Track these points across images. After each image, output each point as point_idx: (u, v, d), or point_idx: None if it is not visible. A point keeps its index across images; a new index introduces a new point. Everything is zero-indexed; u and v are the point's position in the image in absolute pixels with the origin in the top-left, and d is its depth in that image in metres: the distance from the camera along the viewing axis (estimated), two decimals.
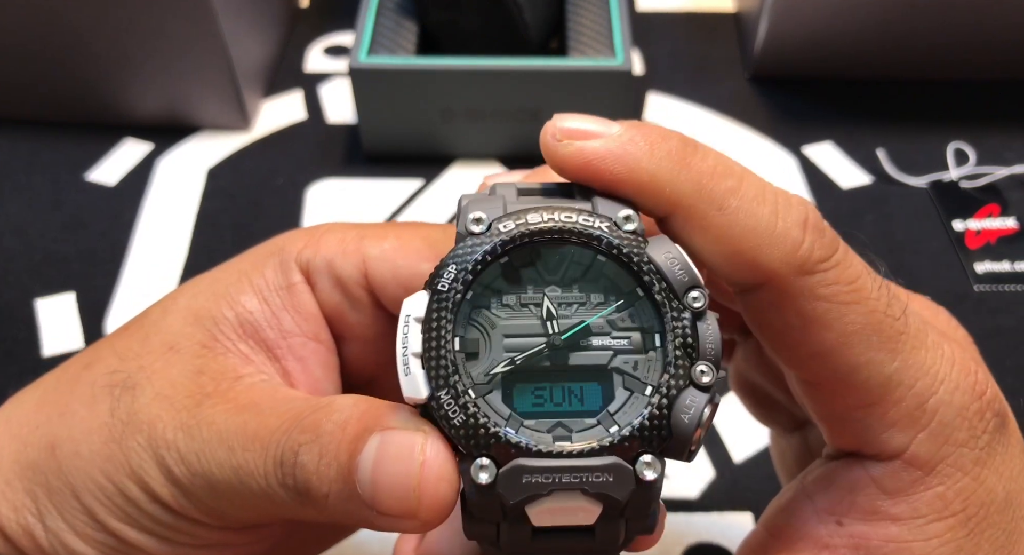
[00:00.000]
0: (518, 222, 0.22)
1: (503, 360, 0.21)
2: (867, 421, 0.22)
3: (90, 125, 0.60)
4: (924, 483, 0.22)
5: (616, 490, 0.20)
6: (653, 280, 0.21)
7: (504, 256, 0.22)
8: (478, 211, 0.22)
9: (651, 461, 0.20)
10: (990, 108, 0.63)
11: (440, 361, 0.21)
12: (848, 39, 0.62)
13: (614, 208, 0.22)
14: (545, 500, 0.20)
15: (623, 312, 0.22)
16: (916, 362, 0.22)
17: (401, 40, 0.58)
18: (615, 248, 0.22)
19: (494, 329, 0.22)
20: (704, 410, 0.20)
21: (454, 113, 0.56)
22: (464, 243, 0.22)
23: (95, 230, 0.55)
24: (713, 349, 0.21)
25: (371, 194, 0.57)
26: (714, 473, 0.44)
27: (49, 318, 0.50)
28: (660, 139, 0.22)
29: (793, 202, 0.22)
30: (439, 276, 0.21)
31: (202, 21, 0.54)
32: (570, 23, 0.59)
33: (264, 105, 0.63)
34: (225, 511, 0.24)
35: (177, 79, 0.58)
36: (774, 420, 0.33)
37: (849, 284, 0.22)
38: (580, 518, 0.20)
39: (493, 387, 0.21)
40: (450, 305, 0.21)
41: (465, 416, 0.20)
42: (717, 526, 0.42)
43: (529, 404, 0.21)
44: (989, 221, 0.55)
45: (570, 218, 0.22)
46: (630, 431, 0.20)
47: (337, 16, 0.71)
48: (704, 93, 0.65)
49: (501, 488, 0.20)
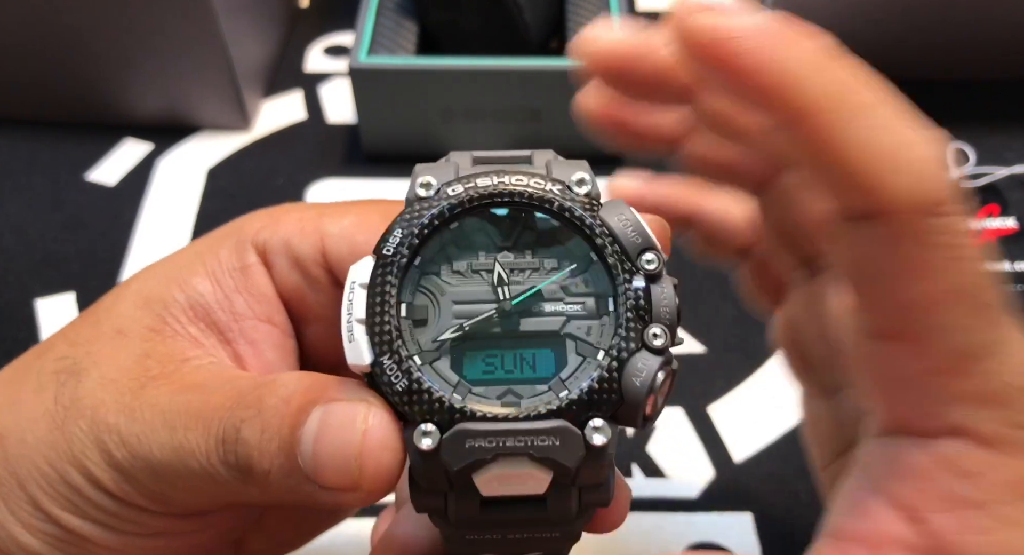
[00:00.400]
0: (467, 185, 0.21)
1: (452, 326, 0.21)
2: (937, 390, 0.21)
3: (90, 125, 0.60)
4: (1000, 463, 0.20)
5: (564, 455, 0.19)
6: (605, 243, 0.21)
7: (453, 221, 0.21)
8: (427, 176, 0.22)
9: (601, 425, 0.19)
10: (990, 108, 0.63)
11: (384, 327, 0.20)
12: (847, 39, 0.62)
13: (568, 172, 0.22)
14: (491, 466, 0.19)
15: (577, 277, 0.21)
16: (998, 340, 0.21)
17: (401, 40, 0.58)
18: (567, 211, 0.21)
19: (443, 296, 0.21)
20: (658, 374, 0.20)
21: (454, 113, 0.56)
22: (411, 207, 0.21)
23: (95, 230, 0.55)
24: (668, 312, 0.20)
25: (371, 194, 0.57)
26: (714, 473, 0.44)
27: (49, 318, 0.50)
28: (812, 33, 0.20)
29: (932, 134, 0.20)
30: (385, 241, 0.21)
31: (202, 21, 0.54)
32: (570, 23, 0.59)
33: (264, 105, 0.63)
34: (168, 495, 0.23)
35: (177, 79, 0.58)
36: (812, 381, 0.30)
37: (960, 237, 0.20)
38: (530, 487, 0.20)
39: (442, 354, 0.21)
40: (395, 270, 0.20)
41: (408, 381, 0.20)
42: (717, 526, 0.42)
43: (479, 371, 0.21)
44: (989, 221, 0.55)
45: (521, 180, 0.21)
46: (578, 394, 0.20)
47: (337, 16, 0.71)
48: None
49: (445, 454, 0.19)
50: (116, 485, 0.23)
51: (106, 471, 0.23)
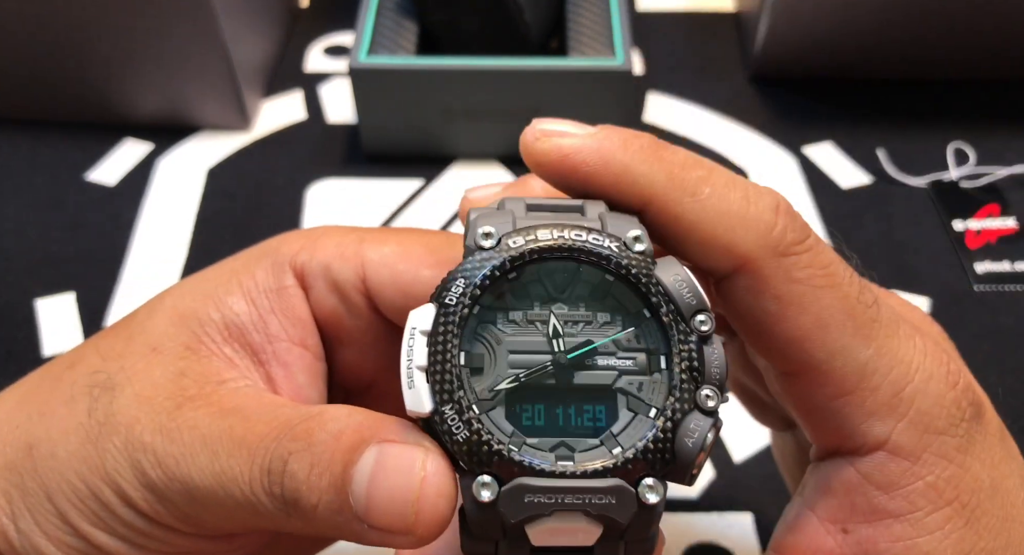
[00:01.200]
0: (528, 238, 0.22)
1: (508, 376, 0.21)
2: (846, 411, 0.22)
3: (90, 125, 0.60)
4: (913, 473, 0.22)
5: (618, 512, 0.20)
6: (661, 302, 0.21)
7: (512, 272, 0.22)
8: (488, 225, 0.22)
9: (654, 484, 0.20)
10: (990, 108, 0.63)
11: (445, 375, 0.20)
12: (848, 39, 0.62)
13: (624, 227, 0.22)
14: (546, 520, 0.20)
15: (629, 332, 0.22)
16: (890, 350, 0.22)
17: (401, 40, 0.58)
18: (624, 269, 0.21)
19: (499, 345, 0.21)
20: (708, 435, 0.20)
21: (454, 113, 0.56)
22: (473, 257, 0.21)
23: (95, 230, 0.55)
24: (718, 373, 0.21)
25: (371, 194, 0.57)
26: (714, 473, 0.44)
27: (49, 318, 0.50)
28: (632, 136, 0.23)
29: (763, 190, 0.23)
30: (447, 289, 0.21)
31: (202, 21, 0.54)
32: (570, 23, 0.59)
33: (264, 105, 0.63)
34: (202, 518, 0.23)
35: (177, 79, 0.58)
36: (768, 419, 0.33)
37: (823, 268, 0.22)
38: (580, 539, 0.20)
39: (497, 403, 0.21)
40: (457, 319, 0.21)
41: (469, 432, 0.20)
42: (717, 526, 0.42)
43: (533, 422, 0.21)
44: (989, 221, 0.55)
45: (579, 236, 0.22)
46: (634, 454, 0.20)
47: (337, 16, 0.71)
48: (704, 93, 0.65)
49: (502, 506, 0.20)
50: (148, 505, 0.23)
51: (138, 490, 0.23)
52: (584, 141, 0.23)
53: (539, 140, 0.23)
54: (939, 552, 0.22)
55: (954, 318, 0.50)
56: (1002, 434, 0.24)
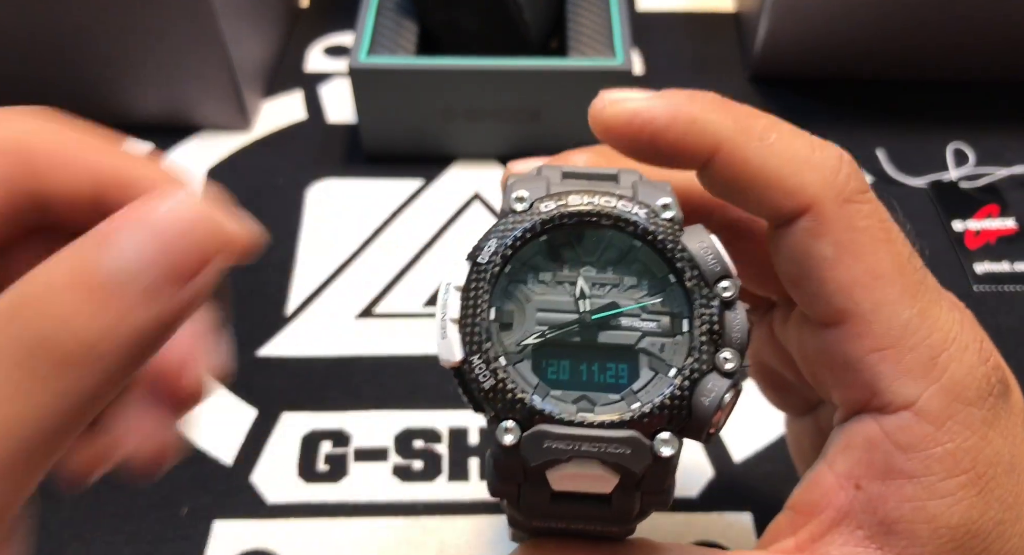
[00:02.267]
0: (559, 203, 0.23)
1: (535, 332, 0.22)
2: (881, 366, 0.23)
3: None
4: (935, 439, 0.22)
5: (633, 462, 0.21)
6: (685, 267, 0.22)
7: (543, 234, 0.23)
8: (522, 190, 0.23)
9: (668, 438, 0.21)
10: (990, 109, 0.63)
11: (475, 327, 0.22)
12: (848, 39, 0.62)
13: (654, 195, 0.23)
14: (565, 466, 0.21)
15: (654, 296, 0.23)
16: (932, 315, 0.23)
17: (401, 40, 0.58)
18: (651, 234, 0.22)
19: (529, 303, 0.23)
20: (725, 395, 0.21)
21: (454, 113, 0.56)
22: (506, 219, 0.23)
23: None
24: (739, 338, 0.22)
25: (371, 194, 0.57)
26: (713, 472, 0.44)
27: None
28: (698, 92, 0.24)
29: (826, 142, 0.24)
30: (480, 249, 0.22)
31: (202, 21, 0.54)
32: (570, 23, 0.59)
33: (264, 105, 0.63)
34: None
35: (177, 79, 0.58)
36: (787, 402, 0.33)
37: (881, 222, 0.23)
38: (597, 486, 0.21)
39: (524, 357, 0.22)
40: (488, 277, 0.22)
41: (495, 380, 0.21)
42: (717, 526, 0.42)
43: (557, 376, 0.22)
44: (989, 221, 0.55)
45: (609, 202, 0.22)
46: (651, 408, 0.21)
47: (337, 16, 0.71)
48: None
49: (524, 451, 0.21)
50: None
51: None
52: (651, 99, 0.24)
53: (607, 106, 0.24)
54: (946, 516, 0.22)
55: None
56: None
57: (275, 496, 0.43)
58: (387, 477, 0.43)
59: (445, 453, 0.44)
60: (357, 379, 0.47)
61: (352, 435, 0.45)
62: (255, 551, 0.41)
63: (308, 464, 0.44)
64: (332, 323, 0.50)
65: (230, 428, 0.45)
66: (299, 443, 0.45)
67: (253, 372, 0.48)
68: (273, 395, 0.47)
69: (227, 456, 0.44)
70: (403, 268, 0.53)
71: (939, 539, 0.22)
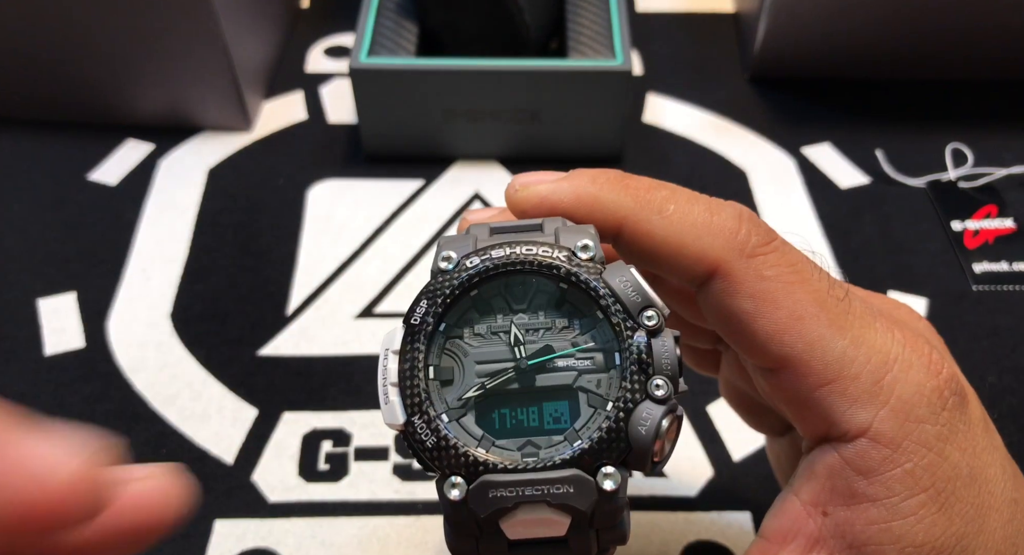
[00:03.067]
0: (483, 257, 0.23)
1: (474, 385, 0.23)
2: (828, 400, 0.23)
3: (91, 126, 0.61)
4: (892, 460, 0.23)
5: (578, 501, 0.21)
6: (609, 303, 0.23)
7: (472, 289, 0.23)
8: (449, 250, 0.24)
9: (611, 472, 0.21)
10: (988, 109, 0.63)
11: (414, 389, 0.22)
12: (847, 39, 0.62)
13: (574, 238, 0.24)
14: (515, 513, 0.21)
15: (586, 334, 0.23)
16: (866, 341, 0.23)
17: (401, 41, 0.58)
18: (573, 275, 0.23)
19: (467, 357, 0.23)
20: (662, 421, 0.21)
21: (454, 113, 0.56)
22: (435, 279, 0.24)
23: (96, 230, 0.55)
24: (669, 364, 0.22)
25: (371, 194, 0.57)
26: (712, 472, 0.44)
27: (50, 318, 0.50)
28: (599, 172, 0.26)
29: (724, 202, 0.25)
30: (413, 311, 0.23)
31: (203, 22, 0.54)
32: (570, 23, 0.59)
33: (265, 106, 0.63)
34: None
35: (178, 80, 0.58)
36: (763, 425, 0.34)
37: (790, 266, 0.24)
38: (551, 530, 0.22)
39: (467, 410, 0.23)
40: (422, 337, 0.23)
41: (436, 439, 0.22)
42: (716, 525, 0.42)
43: (501, 425, 0.23)
44: (987, 221, 0.55)
45: (531, 250, 0.23)
46: (589, 444, 0.21)
47: (337, 17, 0.71)
48: (703, 94, 0.65)
49: (472, 503, 0.21)
50: None
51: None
52: (558, 184, 0.25)
53: (518, 191, 0.26)
54: (911, 536, 0.23)
55: (952, 318, 0.50)
56: (986, 425, 0.25)
57: (276, 495, 0.43)
58: (387, 476, 0.44)
59: None
60: (357, 379, 0.47)
61: (352, 434, 0.45)
62: (256, 550, 0.41)
63: (309, 463, 0.44)
64: (332, 323, 0.50)
65: (231, 427, 0.45)
66: (300, 442, 0.45)
67: (254, 372, 0.48)
68: (274, 395, 0.47)
69: (228, 455, 0.44)
70: (403, 268, 0.53)
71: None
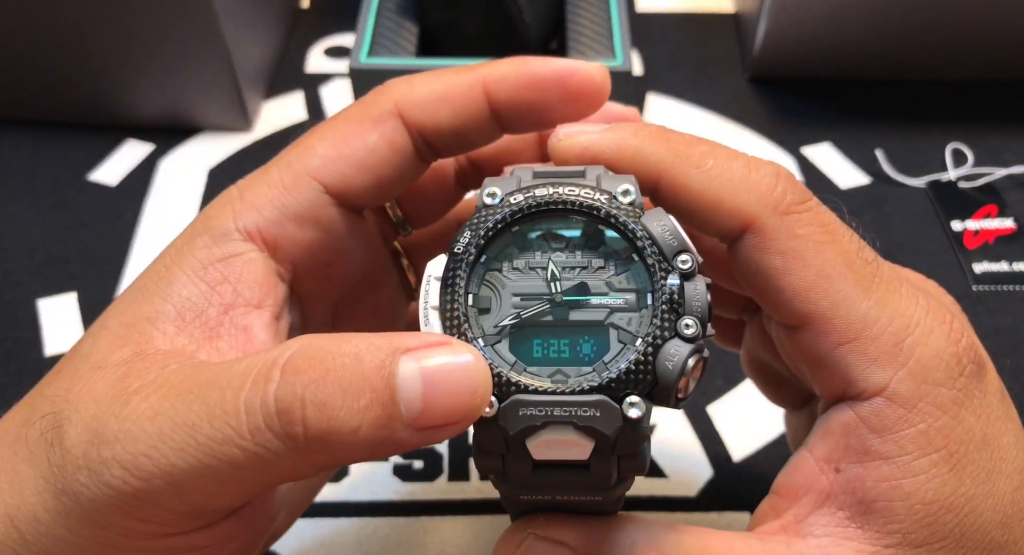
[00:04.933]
0: (527, 195, 0.24)
1: (510, 314, 0.24)
2: (849, 359, 0.24)
3: (92, 126, 0.61)
4: (907, 420, 0.23)
5: (603, 424, 0.22)
6: (645, 245, 0.23)
7: (514, 224, 0.24)
8: (494, 187, 0.25)
9: (636, 401, 0.22)
10: (988, 109, 0.63)
11: (454, 312, 0.23)
12: (847, 39, 0.62)
13: (616, 184, 0.25)
14: (541, 432, 0.22)
15: (620, 274, 0.24)
16: (890, 303, 0.24)
17: (401, 41, 0.58)
18: (612, 217, 0.24)
19: (504, 288, 0.24)
20: (688, 359, 0.22)
21: None
22: (480, 213, 0.25)
23: (97, 230, 0.55)
24: (699, 306, 0.23)
25: None
26: (712, 472, 0.44)
27: (51, 318, 0.50)
28: (641, 125, 0.26)
29: (763, 160, 0.25)
30: (457, 241, 0.24)
31: (204, 22, 0.54)
32: (570, 23, 0.59)
33: (265, 106, 0.63)
34: (196, 503, 0.22)
35: (179, 80, 0.58)
36: (783, 397, 0.35)
37: (823, 226, 0.24)
38: (574, 452, 0.23)
39: (502, 338, 0.24)
40: (464, 266, 0.24)
41: None
42: (716, 525, 0.42)
43: (533, 353, 0.24)
44: (987, 221, 0.55)
45: (573, 192, 0.24)
46: (617, 373, 0.22)
47: (338, 17, 0.71)
48: (703, 94, 0.65)
49: (502, 420, 0.22)
50: (141, 523, 0.22)
51: (124, 514, 0.22)
52: (600, 134, 0.26)
53: (561, 141, 0.26)
54: (921, 493, 0.23)
55: None
56: (1003, 395, 0.25)
57: None
58: (387, 477, 0.44)
59: (445, 453, 0.45)
60: None
61: None
62: None
63: None
64: None
65: None
66: None
67: None
68: None
69: None
70: None
71: (915, 515, 0.23)
